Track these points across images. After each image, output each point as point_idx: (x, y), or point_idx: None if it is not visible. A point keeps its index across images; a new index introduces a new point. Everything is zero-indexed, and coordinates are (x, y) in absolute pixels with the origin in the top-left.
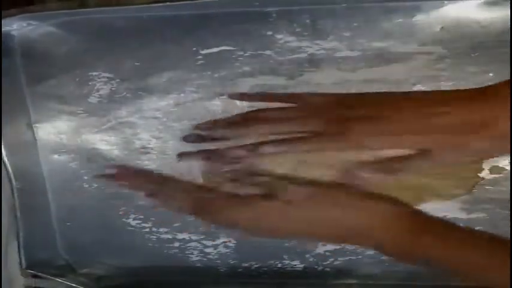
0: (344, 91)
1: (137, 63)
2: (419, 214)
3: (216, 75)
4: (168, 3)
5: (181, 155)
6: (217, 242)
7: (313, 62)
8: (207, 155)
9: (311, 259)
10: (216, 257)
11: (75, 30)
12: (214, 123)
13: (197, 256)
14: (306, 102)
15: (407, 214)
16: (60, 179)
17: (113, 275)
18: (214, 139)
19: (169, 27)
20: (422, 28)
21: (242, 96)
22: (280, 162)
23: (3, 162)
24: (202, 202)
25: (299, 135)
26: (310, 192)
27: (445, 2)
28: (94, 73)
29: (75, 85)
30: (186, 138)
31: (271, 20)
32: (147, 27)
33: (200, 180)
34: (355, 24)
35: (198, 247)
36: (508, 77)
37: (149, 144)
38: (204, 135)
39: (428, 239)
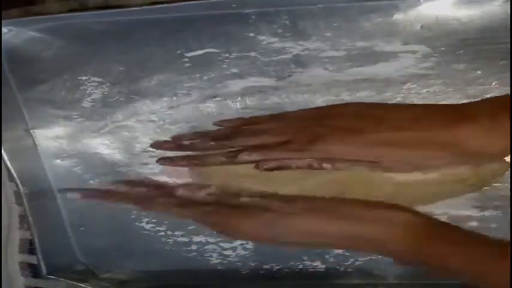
0: (334, 91)
1: (125, 67)
2: (434, 221)
3: (205, 77)
4: (145, 6)
5: (162, 160)
6: (235, 244)
7: (300, 62)
8: (190, 161)
9: (331, 259)
10: (236, 259)
11: (58, 35)
12: (198, 136)
13: (217, 259)
14: (287, 117)
15: (421, 222)
16: (67, 184)
17: (136, 279)
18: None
19: (152, 31)
20: (403, 27)
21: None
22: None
23: (7, 167)
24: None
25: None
26: (308, 206)
27: (421, 0)
28: (83, 77)
29: (67, 90)
30: (153, 145)
31: (251, 22)
32: (129, 31)
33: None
34: (335, 24)
35: (216, 250)
36: (495, 74)
37: (149, 147)
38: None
39: (445, 247)
